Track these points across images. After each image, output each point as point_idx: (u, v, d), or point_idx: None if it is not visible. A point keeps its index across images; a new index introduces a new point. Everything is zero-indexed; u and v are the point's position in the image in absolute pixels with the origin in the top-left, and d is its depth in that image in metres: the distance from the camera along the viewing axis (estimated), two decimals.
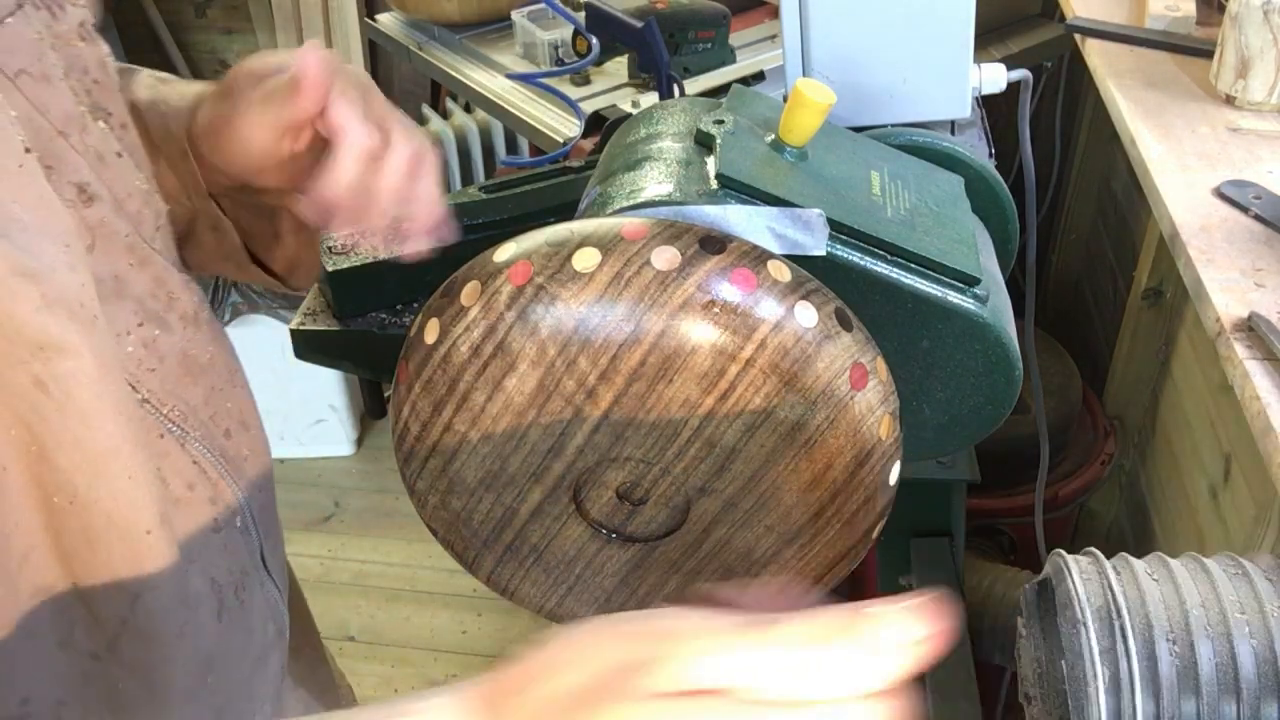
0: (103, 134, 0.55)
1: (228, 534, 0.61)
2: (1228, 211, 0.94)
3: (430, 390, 0.63)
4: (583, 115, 1.53)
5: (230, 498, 0.61)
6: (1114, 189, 1.86)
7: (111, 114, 0.57)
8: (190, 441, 0.58)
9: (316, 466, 2.45)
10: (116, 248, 0.54)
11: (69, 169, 0.52)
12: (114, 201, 0.54)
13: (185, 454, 0.57)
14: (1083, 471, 1.59)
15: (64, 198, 0.51)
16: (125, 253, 0.55)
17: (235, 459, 0.62)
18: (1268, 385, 0.75)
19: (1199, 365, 1.30)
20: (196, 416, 0.59)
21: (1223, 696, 0.57)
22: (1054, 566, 0.65)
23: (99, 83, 0.56)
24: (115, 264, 0.54)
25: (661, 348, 0.60)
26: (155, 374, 0.56)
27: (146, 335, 0.56)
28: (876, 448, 0.64)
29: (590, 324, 0.59)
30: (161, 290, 0.57)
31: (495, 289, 0.61)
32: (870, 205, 0.75)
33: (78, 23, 0.55)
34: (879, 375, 0.65)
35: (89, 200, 0.52)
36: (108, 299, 0.53)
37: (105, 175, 0.54)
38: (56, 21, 0.53)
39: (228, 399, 0.63)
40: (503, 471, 0.65)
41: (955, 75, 0.90)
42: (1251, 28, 1.05)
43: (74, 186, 0.52)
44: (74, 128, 0.52)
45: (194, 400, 0.59)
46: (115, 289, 0.54)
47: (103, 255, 0.53)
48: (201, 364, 0.60)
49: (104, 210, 0.53)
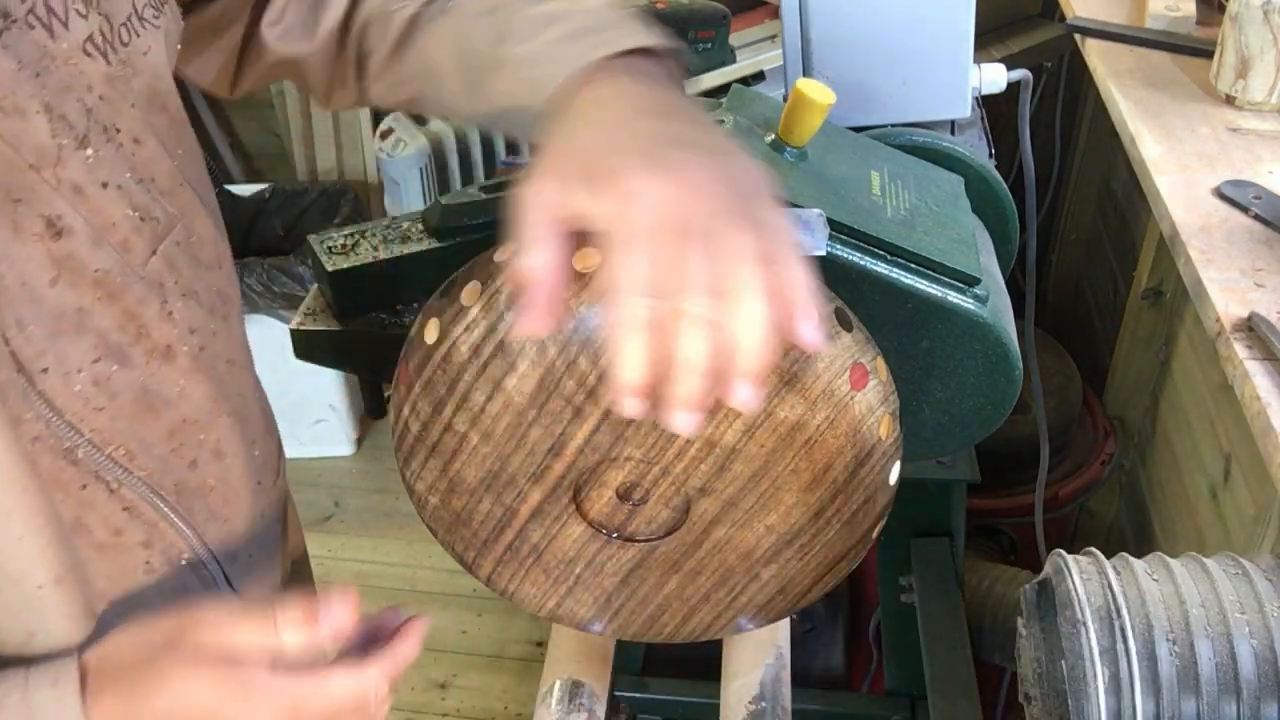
0: (88, 163, 0.53)
1: (164, 573, 0.61)
2: (1228, 211, 0.94)
3: (430, 390, 0.63)
4: None
5: (173, 537, 0.60)
6: (1114, 189, 1.86)
7: (120, 129, 0.55)
8: (128, 485, 0.57)
9: (316, 466, 2.45)
10: (84, 282, 0.53)
11: (40, 202, 0.51)
12: (91, 233, 0.53)
13: (114, 500, 0.57)
14: (1083, 471, 1.59)
15: (31, 231, 0.51)
16: (93, 287, 0.54)
17: (196, 491, 0.61)
18: (1268, 385, 0.75)
19: (1199, 365, 1.30)
20: (149, 453, 0.58)
21: (1223, 696, 0.57)
22: (1054, 566, 0.65)
23: (105, 99, 0.54)
24: (80, 298, 0.53)
25: None
26: (103, 412, 0.55)
27: (100, 372, 0.55)
28: (877, 448, 0.64)
29: (590, 324, 0.59)
30: (131, 324, 0.56)
31: (495, 289, 0.61)
32: (870, 205, 0.75)
33: (83, 38, 0.53)
34: (879, 375, 0.65)
35: (58, 234, 0.52)
36: (65, 333, 0.53)
37: (82, 207, 0.53)
38: (54, 40, 0.51)
39: (202, 430, 0.61)
40: (503, 471, 0.65)
41: (955, 75, 0.90)
42: (1251, 28, 1.05)
43: (43, 220, 0.51)
44: (48, 161, 0.51)
45: (151, 436, 0.58)
46: (76, 323, 0.53)
47: (68, 289, 0.53)
48: (167, 398, 0.59)
49: (75, 244, 0.53)
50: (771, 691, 0.80)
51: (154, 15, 0.58)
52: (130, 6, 0.57)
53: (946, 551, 1.18)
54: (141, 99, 0.57)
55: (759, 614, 0.73)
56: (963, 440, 0.79)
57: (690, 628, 0.74)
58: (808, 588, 0.70)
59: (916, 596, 1.14)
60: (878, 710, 1.19)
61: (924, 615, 1.12)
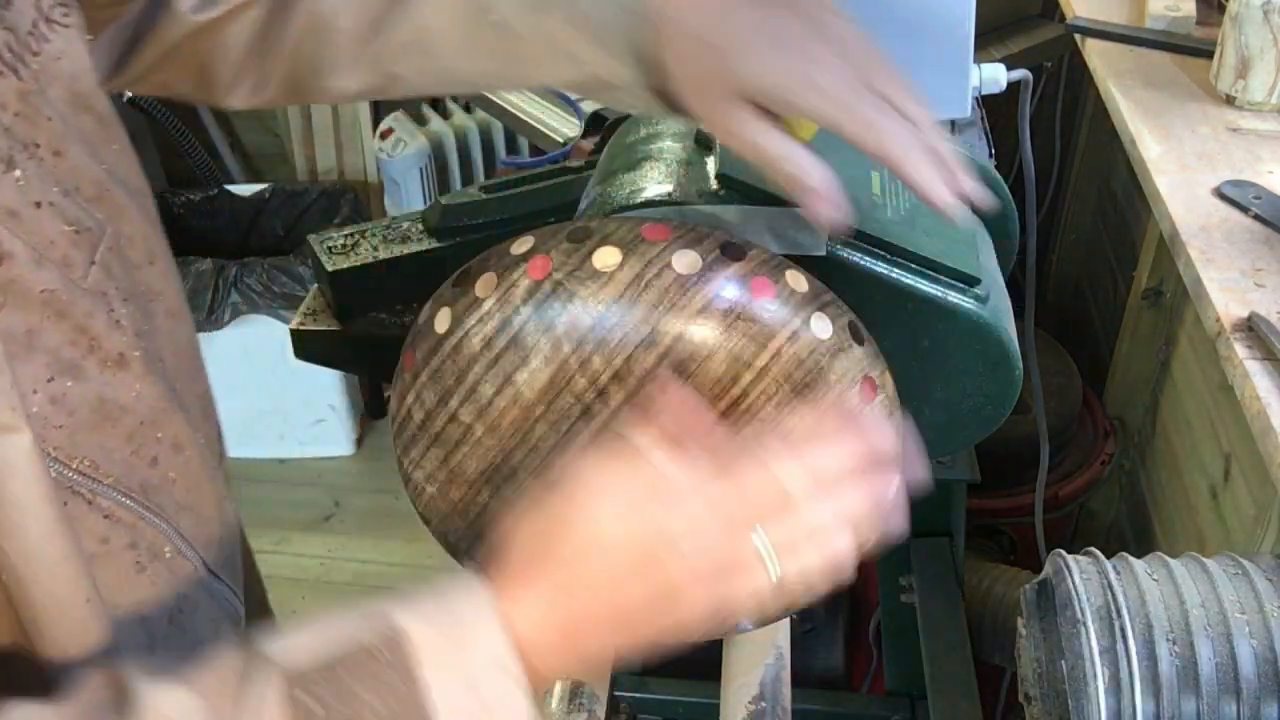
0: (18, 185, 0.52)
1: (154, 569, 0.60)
2: (1228, 211, 0.94)
3: (438, 379, 0.63)
4: (583, 115, 1.53)
5: (152, 535, 0.60)
6: (1114, 189, 1.86)
7: (39, 144, 0.53)
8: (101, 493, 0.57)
9: (316, 466, 2.45)
10: (31, 303, 0.52)
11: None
12: (32, 254, 0.52)
13: (94, 510, 0.56)
14: (1083, 471, 1.59)
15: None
16: (41, 307, 0.53)
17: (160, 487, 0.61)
18: (1268, 385, 0.75)
19: (1199, 365, 1.30)
20: (112, 459, 0.57)
21: (1223, 696, 0.57)
22: (1054, 566, 0.65)
23: (21, 115, 0.52)
24: (28, 319, 0.52)
25: (677, 351, 0.60)
26: (63, 430, 0.54)
27: (56, 390, 0.54)
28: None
29: (607, 323, 0.59)
30: (82, 338, 0.55)
31: (512, 282, 0.61)
32: (870, 205, 0.75)
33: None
34: (886, 390, 0.65)
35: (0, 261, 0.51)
36: (17, 356, 0.51)
37: (19, 229, 0.51)
38: None
39: (159, 429, 0.61)
40: (505, 465, 0.65)
41: (955, 75, 0.90)
42: (1251, 28, 1.05)
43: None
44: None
45: (111, 443, 0.57)
46: (26, 344, 0.52)
47: (15, 312, 0.51)
48: (123, 404, 0.58)
49: (17, 268, 0.51)
50: (771, 691, 0.80)
51: (63, 15, 0.56)
52: (35, 11, 0.54)
53: (946, 551, 1.17)
54: (61, 106, 0.55)
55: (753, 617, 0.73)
56: (963, 440, 0.79)
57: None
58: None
59: (916, 596, 1.14)
60: (878, 710, 1.19)
61: (924, 615, 1.12)
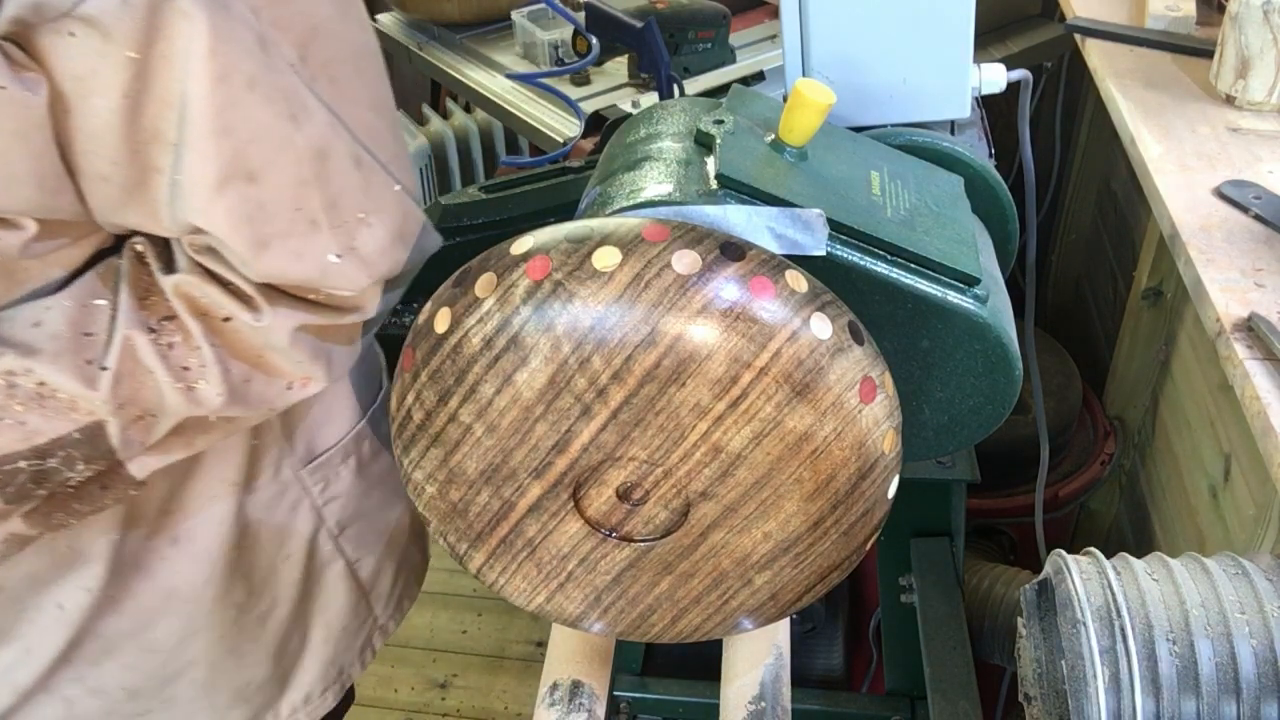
0: None
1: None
2: (1228, 211, 0.94)
3: (438, 379, 0.63)
4: (583, 115, 1.53)
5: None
6: (1114, 189, 1.86)
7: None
8: None
9: None
10: None
11: None
12: None
13: None
14: (1083, 471, 1.59)
15: None
16: None
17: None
18: (1268, 385, 0.75)
19: (1199, 365, 1.30)
20: None
21: (1223, 696, 0.57)
22: (1054, 566, 0.65)
23: None
24: None
25: (677, 351, 0.60)
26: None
27: None
28: (880, 461, 0.64)
29: (607, 323, 0.59)
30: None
31: (512, 282, 0.61)
32: (870, 205, 0.75)
33: None
34: (886, 390, 0.65)
35: None
36: None
37: None
38: None
39: None
40: (504, 465, 0.65)
41: (955, 75, 0.90)
42: (1251, 28, 1.05)
43: None
44: None
45: None
46: None
47: None
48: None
49: None
50: (771, 691, 0.80)
51: None
52: None
53: (946, 551, 1.17)
54: None
55: (748, 618, 0.73)
56: (963, 440, 0.79)
57: (679, 629, 0.74)
58: (799, 595, 0.70)
59: (916, 596, 1.14)
60: (878, 710, 1.19)
61: (924, 615, 1.12)
